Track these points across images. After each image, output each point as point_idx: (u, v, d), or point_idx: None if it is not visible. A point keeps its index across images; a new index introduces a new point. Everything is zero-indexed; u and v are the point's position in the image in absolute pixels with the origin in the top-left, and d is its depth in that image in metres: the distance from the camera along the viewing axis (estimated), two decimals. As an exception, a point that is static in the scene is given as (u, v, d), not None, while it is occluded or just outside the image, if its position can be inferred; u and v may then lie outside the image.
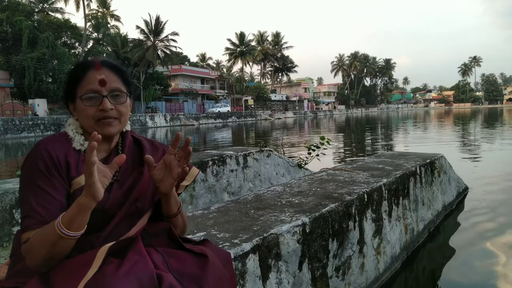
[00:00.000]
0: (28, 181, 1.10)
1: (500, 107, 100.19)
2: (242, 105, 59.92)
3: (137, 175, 1.23)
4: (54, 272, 1.02)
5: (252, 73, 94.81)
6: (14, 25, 34.00)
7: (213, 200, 4.26)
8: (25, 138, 25.18)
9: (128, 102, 1.25)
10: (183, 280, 1.05)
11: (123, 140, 1.29)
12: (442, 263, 3.13)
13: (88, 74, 1.18)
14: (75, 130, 1.21)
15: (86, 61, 1.22)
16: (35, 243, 1.01)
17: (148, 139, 1.36)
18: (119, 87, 1.21)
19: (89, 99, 1.17)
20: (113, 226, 1.16)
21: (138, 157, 1.28)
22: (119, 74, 1.23)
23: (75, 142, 1.19)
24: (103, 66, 1.20)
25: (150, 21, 44.76)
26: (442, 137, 16.05)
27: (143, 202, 1.23)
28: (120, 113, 1.21)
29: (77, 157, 1.18)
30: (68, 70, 1.25)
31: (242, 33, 66.02)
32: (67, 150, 1.16)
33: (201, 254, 1.15)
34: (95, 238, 1.12)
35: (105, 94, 1.18)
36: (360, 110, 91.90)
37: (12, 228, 2.73)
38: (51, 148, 1.13)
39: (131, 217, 1.20)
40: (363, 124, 31.50)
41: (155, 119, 38.15)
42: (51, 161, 1.11)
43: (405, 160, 4.16)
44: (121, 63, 1.32)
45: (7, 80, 34.31)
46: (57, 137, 1.19)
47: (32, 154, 1.12)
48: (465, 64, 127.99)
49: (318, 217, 2.14)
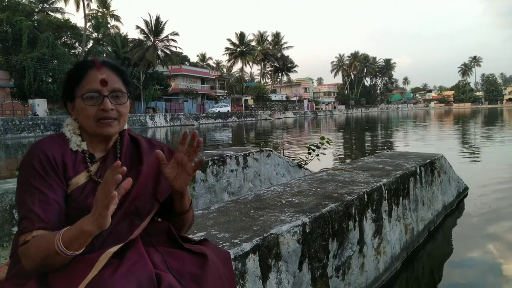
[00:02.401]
0: (25, 182, 1.09)
1: (500, 107, 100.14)
2: (242, 105, 59.90)
3: (135, 174, 1.23)
4: (53, 275, 1.01)
5: (252, 73, 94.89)
6: (14, 25, 33.98)
7: (213, 200, 4.26)
8: (25, 138, 25.18)
9: (128, 103, 1.25)
10: (182, 280, 1.05)
11: (121, 139, 1.29)
12: (442, 263, 3.13)
13: (89, 74, 1.18)
14: (72, 130, 1.21)
15: (87, 61, 1.21)
16: (31, 249, 1.00)
17: (145, 138, 1.36)
18: (120, 88, 1.21)
19: (90, 98, 1.17)
20: (112, 226, 1.14)
21: (136, 156, 1.28)
22: (120, 74, 1.23)
23: (72, 143, 1.19)
24: (104, 66, 1.20)
25: (150, 21, 44.78)
26: (442, 137, 16.05)
27: (142, 201, 1.22)
28: (120, 114, 1.21)
29: (73, 158, 1.17)
30: (68, 70, 1.25)
31: (242, 33, 66.01)
32: (63, 150, 1.16)
33: (200, 253, 1.15)
34: (95, 238, 1.12)
35: (106, 94, 1.17)
36: (360, 110, 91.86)
37: (12, 228, 2.73)
38: (48, 149, 1.13)
39: (130, 216, 1.19)
40: (363, 124, 31.49)
41: (155, 119, 38.14)
42: (48, 162, 1.11)
43: (405, 160, 4.16)
44: (121, 63, 1.32)
45: (7, 80, 34.30)
46: (54, 138, 1.19)
47: (28, 155, 1.12)
48: (465, 64, 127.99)
49: (318, 217, 2.14)
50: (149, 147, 1.32)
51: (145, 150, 1.29)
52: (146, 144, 1.32)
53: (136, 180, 1.21)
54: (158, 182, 1.27)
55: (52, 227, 1.06)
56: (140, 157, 1.27)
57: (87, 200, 1.13)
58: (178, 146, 1.18)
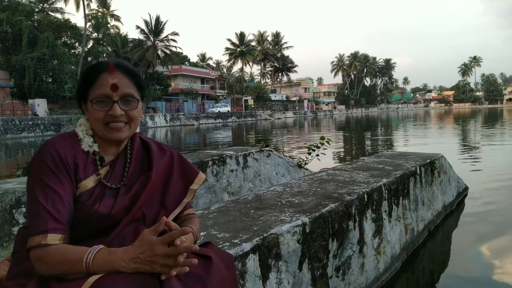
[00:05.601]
0: (36, 178, 1.08)
1: (500, 107, 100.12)
2: (242, 105, 59.89)
3: (144, 180, 1.21)
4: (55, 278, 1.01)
5: (252, 73, 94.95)
6: (14, 25, 33.96)
7: (213, 200, 4.26)
8: (25, 138, 25.18)
9: (140, 107, 1.23)
10: (187, 281, 1.05)
11: (131, 143, 1.28)
12: (442, 263, 3.13)
13: (101, 77, 1.16)
14: (85, 131, 1.20)
15: (101, 63, 1.19)
16: (52, 258, 0.99)
17: (156, 142, 1.34)
18: (131, 93, 1.19)
19: (99, 103, 1.16)
20: (118, 231, 1.14)
21: (146, 161, 1.27)
22: (133, 78, 1.21)
23: (84, 143, 1.18)
24: (117, 69, 1.17)
25: (150, 21, 44.81)
26: (442, 137, 16.05)
27: (150, 208, 1.21)
28: (131, 118, 1.19)
29: (85, 159, 1.17)
30: (82, 71, 1.24)
31: (242, 33, 66.09)
32: (75, 152, 1.15)
33: (205, 256, 1.15)
34: (100, 243, 1.10)
35: (116, 99, 1.16)
36: (360, 110, 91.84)
37: (12, 228, 2.73)
38: (60, 148, 1.12)
39: (136, 222, 1.18)
40: (363, 124, 31.50)
41: (155, 119, 38.14)
42: (60, 161, 1.10)
43: (405, 160, 4.16)
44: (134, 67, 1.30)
45: (7, 80, 34.29)
46: (66, 137, 1.18)
47: (40, 152, 1.11)
48: (465, 64, 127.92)
49: (318, 217, 2.13)
50: (159, 152, 1.30)
51: (155, 155, 1.28)
52: (156, 149, 1.30)
53: (145, 187, 1.20)
54: (166, 189, 1.26)
55: (65, 228, 1.06)
56: (150, 162, 1.26)
57: (95, 205, 1.12)
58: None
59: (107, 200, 1.14)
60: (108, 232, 1.13)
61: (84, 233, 1.11)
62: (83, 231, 1.11)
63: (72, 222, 1.09)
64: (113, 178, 1.19)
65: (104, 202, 1.13)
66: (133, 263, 0.97)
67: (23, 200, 2.74)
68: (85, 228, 1.11)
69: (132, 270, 0.97)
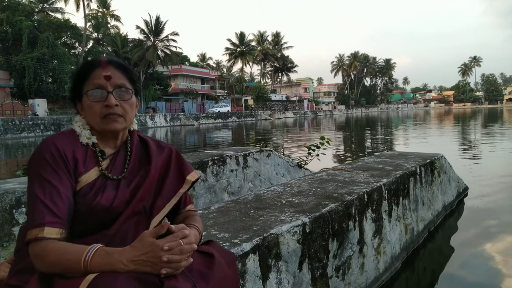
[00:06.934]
0: (35, 174, 1.09)
1: (500, 107, 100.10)
2: (242, 105, 59.90)
3: (143, 174, 1.24)
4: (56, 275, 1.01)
5: (252, 73, 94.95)
6: (14, 25, 33.97)
7: (213, 200, 4.26)
8: (25, 138, 25.18)
9: (133, 100, 1.25)
10: (191, 276, 1.06)
11: (131, 138, 1.30)
12: (442, 263, 3.13)
13: (95, 72, 1.19)
14: (82, 126, 1.22)
15: (93, 60, 1.23)
16: (50, 257, 0.99)
17: (153, 139, 1.37)
18: (124, 84, 1.22)
19: (94, 95, 1.18)
20: (119, 224, 1.15)
21: (145, 156, 1.29)
22: (125, 72, 1.24)
23: (82, 136, 1.20)
24: (110, 65, 1.21)
25: (150, 21, 44.77)
26: (442, 137, 16.05)
27: (148, 202, 1.23)
28: (125, 111, 1.21)
29: (84, 153, 1.18)
30: (75, 69, 1.26)
31: (242, 33, 66.05)
32: (74, 146, 1.17)
33: (208, 253, 1.16)
34: (101, 237, 1.12)
35: (110, 90, 1.18)
36: (360, 110, 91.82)
37: (12, 228, 2.73)
38: (59, 143, 1.13)
39: (137, 215, 1.20)
40: (363, 124, 31.49)
41: (155, 119, 38.14)
42: (59, 156, 1.11)
43: (405, 160, 4.16)
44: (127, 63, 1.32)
45: (7, 80, 34.30)
46: (65, 134, 1.20)
47: (40, 148, 1.13)
48: (465, 64, 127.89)
49: (318, 217, 2.13)
50: (157, 149, 1.32)
51: (153, 151, 1.30)
52: (154, 146, 1.33)
53: (144, 180, 1.22)
54: (164, 181, 1.28)
55: (63, 223, 1.06)
56: (149, 157, 1.28)
57: (96, 198, 1.13)
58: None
59: (109, 192, 1.16)
60: (109, 226, 1.14)
61: (86, 227, 1.12)
62: (85, 225, 1.12)
63: (73, 217, 1.10)
64: (114, 170, 1.21)
65: (106, 194, 1.15)
66: (133, 264, 0.97)
67: (23, 200, 2.74)
68: (86, 222, 1.12)
69: (132, 270, 0.97)
